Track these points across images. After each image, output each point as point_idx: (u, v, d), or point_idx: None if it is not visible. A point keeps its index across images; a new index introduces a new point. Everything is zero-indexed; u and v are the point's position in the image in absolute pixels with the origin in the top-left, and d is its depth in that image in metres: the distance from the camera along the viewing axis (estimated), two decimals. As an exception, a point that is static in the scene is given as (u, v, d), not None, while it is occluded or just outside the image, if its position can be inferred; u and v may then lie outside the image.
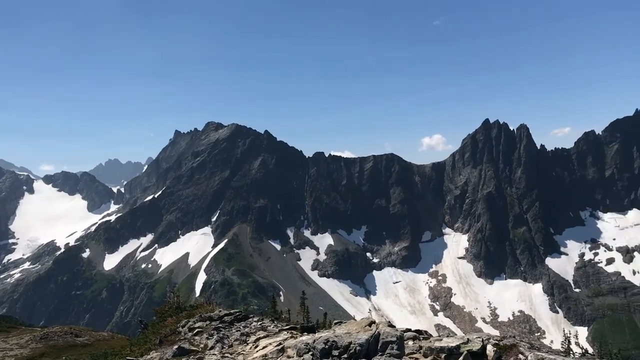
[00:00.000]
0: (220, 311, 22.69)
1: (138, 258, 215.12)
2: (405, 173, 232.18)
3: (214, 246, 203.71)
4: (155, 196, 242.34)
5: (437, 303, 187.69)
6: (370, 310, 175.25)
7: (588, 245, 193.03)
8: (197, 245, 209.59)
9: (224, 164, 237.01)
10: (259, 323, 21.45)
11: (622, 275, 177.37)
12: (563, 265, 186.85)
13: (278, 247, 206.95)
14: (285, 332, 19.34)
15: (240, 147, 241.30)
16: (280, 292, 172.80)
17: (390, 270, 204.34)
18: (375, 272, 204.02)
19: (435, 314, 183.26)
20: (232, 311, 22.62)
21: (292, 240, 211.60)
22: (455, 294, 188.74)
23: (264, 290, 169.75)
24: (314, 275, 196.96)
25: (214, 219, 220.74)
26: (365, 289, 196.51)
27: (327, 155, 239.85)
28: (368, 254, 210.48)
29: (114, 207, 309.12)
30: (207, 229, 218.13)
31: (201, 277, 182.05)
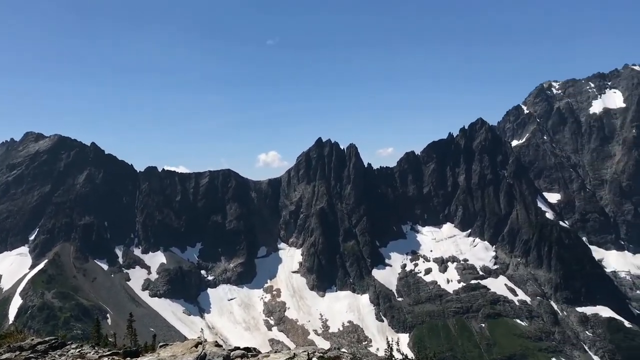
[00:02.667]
0: (32, 339, 20.81)
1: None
2: (242, 189, 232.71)
3: (32, 267, 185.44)
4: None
5: (272, 318, 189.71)
6: (203, 329, 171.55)
7: (409, 257, 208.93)
8: (11, 267, 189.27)
9: (44, 178, 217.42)
10: (77, 350, 20.07)
11: (438, 284, 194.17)
12: (387, 276, 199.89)
13: (105, 267, 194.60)
14: (107, 359, 18.39)
15: (63, 159, 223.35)
16: (107, 315, 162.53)
17: (226, 287, 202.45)
18: (210, 290, 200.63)
19: (270, 329, 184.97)
20: (46, 339, 20.84)
21: (120, 260, 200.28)
22: (289, 308, 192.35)
23: (89, 313, 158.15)
24: (144, 296, 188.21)
25: (32, 238, 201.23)
26: (200, 308, 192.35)
27: (160, 170, 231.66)
28: (203, 272, 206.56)
29: None
30: (24, 249, 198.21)
31: (16, 302, 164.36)
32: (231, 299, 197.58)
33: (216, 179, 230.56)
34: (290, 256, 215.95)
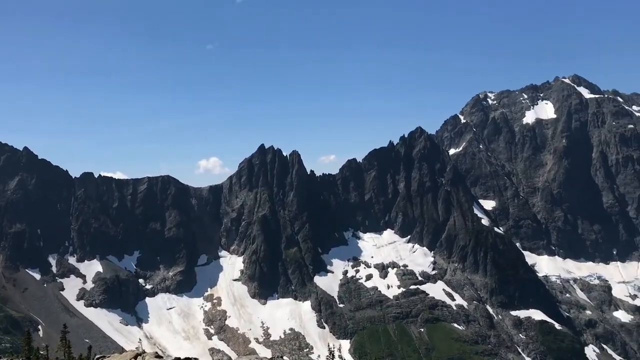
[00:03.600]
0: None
1: None
2: (182, 195, 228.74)
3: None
4: None
5: (212, 327, 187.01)
6: (141, 339, 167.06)
7: (350, 263, 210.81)
8: None
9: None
10: (5, 367, 19.27)
11: (378, 289, 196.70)
12: (329, 282, 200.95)
13: (37, 276, 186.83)
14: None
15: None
16: (39, 327, 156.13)
17: (165, 296, 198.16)
18: (148, 299, 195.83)
19: (210, 338, 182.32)
20: (-30, 357, 19.88)
21: (54, 269, 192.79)
22: (229, 317, 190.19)
23: (19, 325, 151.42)
24: (79, 306, 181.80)
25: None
26: (137, 317, 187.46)
27: (96, 176, 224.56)
28: (141, 280, 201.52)
29: None
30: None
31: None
32: (170, 308, 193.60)
33: (155, 186, 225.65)
34: (232, 264, 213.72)
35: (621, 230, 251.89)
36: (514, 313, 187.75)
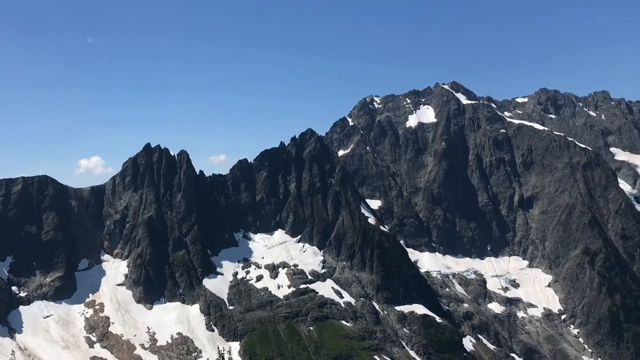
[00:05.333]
0: None
1: None
2: (61, 197, 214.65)
3: None
4: None
5: (94, 334, 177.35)
6: (14, 351, 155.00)
7: (241, 265, 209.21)
8: None
9: None
10: None
11: (269, 290, 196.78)
12: (219, 284, 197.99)
13: None
14: None
15: None
16: None
17: (41, 304, 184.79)
18: (22, 308, 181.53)
19: (92, 346, 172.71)
20: None
21: None
22: (113, 323, 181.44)
23: None
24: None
25: None
26: (10, 328, 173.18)
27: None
28: (14, 288, 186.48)
29: None
30: None
31: None
32: (47, 317, 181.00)
33: (31, 186, 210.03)
34: (115, 268, 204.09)
35: (494, 228, 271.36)
36: (398, 308, 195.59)
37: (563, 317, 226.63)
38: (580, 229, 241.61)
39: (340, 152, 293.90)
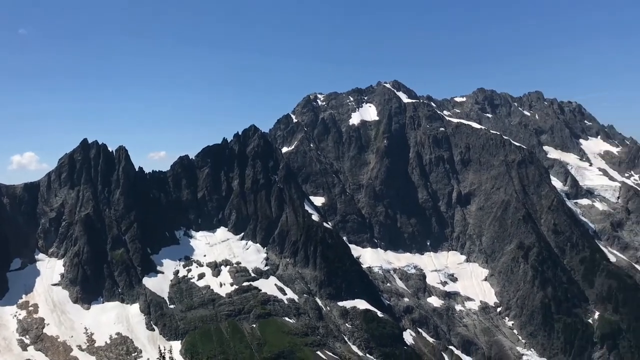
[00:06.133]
0: None
1: None
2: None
3: None
4: None
5: (27, 336, 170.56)
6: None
7: (182, 263, 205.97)
8: None
9: None
10: None
11: (211, 288, 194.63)
12: (159, 283, 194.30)
13: None
14: None
15: None
16: None
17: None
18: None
19: (25, 349, 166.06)
20: None
21: None
22: (48, 324, 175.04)
23: None
24: None
25: None
26: None
27: None
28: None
29: None
30: None
31: None
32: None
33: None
34: (50, 268, 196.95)
35: (434, 224, 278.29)
36: (340, 304, 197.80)
37: (498, 309, 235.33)
38: (514, 224, 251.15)
39: (284, 149, 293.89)
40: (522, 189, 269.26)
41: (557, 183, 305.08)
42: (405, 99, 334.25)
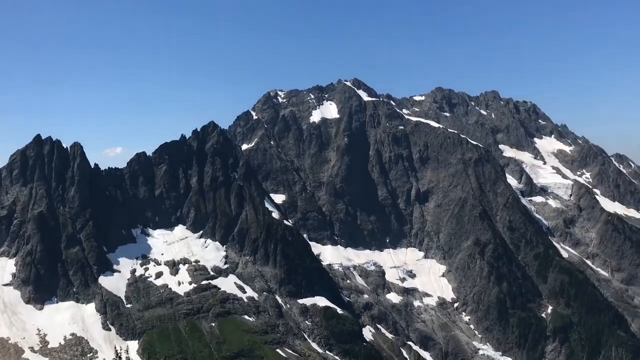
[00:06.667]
0: None
1: None
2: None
3: None
4: None
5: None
6: None
7: (139, 261, 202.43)
8: None
9: None
10: None
11: (169, 287, 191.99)
12: (116, 282, 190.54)
13: None
14: None
15: None
16: None
17: None
18: None
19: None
20: None
21: None
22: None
23: None
24: None
25: None
26: None
27: None
28: None
29: None
30: None
31: None
32: None
33: None
34: (1, 267, 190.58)
35: (393, 221, 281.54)
36: (300, 301, 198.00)
37: (456, 305, 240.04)
38: (471, 221, 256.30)
39: (244, 146, 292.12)
40: (478, 187, 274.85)
41: (512, 181, 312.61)
42: (365, 97, 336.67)
